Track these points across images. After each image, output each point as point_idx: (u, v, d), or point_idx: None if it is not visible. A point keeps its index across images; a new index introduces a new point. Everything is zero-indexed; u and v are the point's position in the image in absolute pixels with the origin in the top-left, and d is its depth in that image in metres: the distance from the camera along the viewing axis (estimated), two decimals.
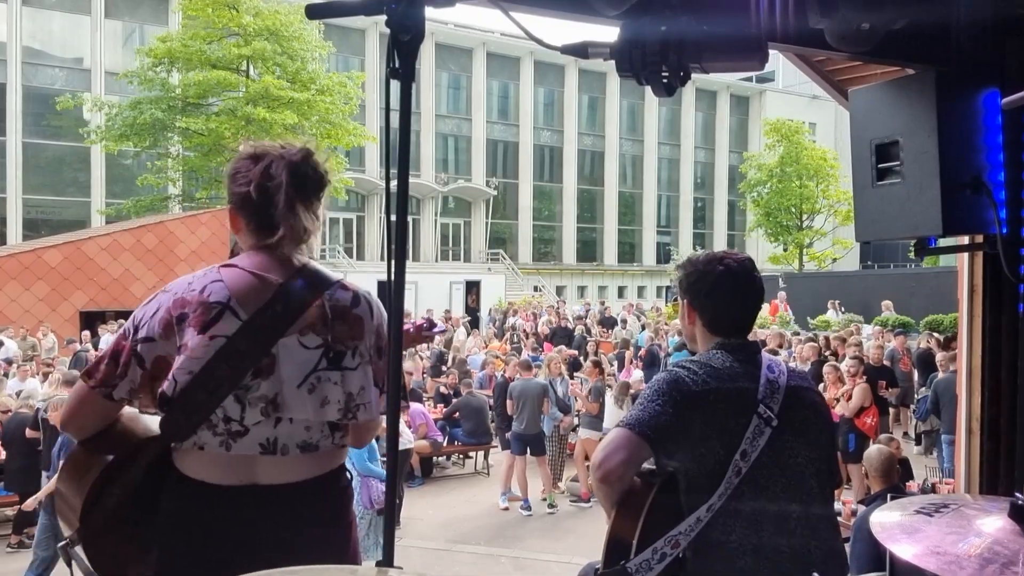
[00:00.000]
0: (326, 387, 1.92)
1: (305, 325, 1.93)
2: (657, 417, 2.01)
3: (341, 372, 1.94)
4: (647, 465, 2.12)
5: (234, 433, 1.87)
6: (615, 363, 14.78)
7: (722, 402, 2.05)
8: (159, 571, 1.94)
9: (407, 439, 9.02)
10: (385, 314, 2.06)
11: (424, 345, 14.10)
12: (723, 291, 2.19)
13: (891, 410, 11.19)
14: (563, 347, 14.61)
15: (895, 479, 4.98)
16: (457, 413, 11.17)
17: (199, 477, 1.89)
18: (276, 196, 1.95)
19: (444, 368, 14.44)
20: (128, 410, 2.00)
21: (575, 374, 12.74)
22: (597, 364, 10.91)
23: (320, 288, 1.98)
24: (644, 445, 1.99)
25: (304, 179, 1.98)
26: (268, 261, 1.99)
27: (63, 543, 1.90)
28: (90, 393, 1.93)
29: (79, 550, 1.91)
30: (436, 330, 2.58)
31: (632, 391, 10.57)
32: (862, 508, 5.40)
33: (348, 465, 2.10)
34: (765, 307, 18.33)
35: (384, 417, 2.07)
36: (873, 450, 5.31)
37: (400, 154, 1.36)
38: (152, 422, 1.98)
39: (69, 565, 1.88)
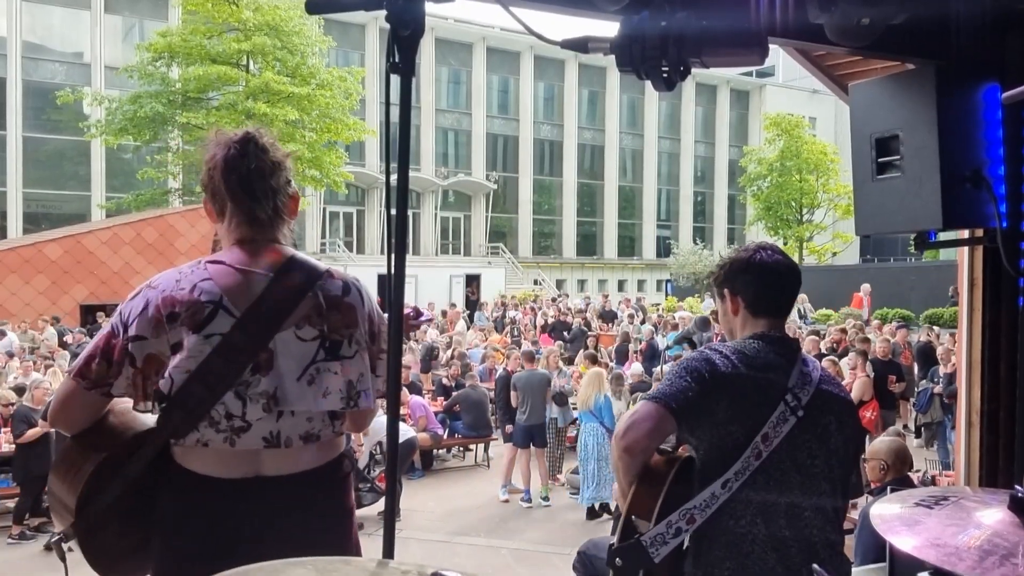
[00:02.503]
0: (326, 377, 1.93)
1: (300, 317, 1.93)
2: (684, 392, 2.02)
3: (340, 361, 1.96)
4: (666, 447, 2.14)
5: (237, 429, 1.88)
6: (614, 357, 14.78)
7: (750, 389, 2.06)
8: (160, 563, 1.94)
9: (407, 430, 9.04)
10: (373, 299, 2.10)
11: (415, 341, 14.10)
12: (762, 267, 2.23)
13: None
14: (562, 345, 14.53)
15: (903, 471, 4.98)
16: (457, 406, 11.18)
17: (203, 471, 1.89)
18: (230, 185, 1.97)
19: (434, 363, 14.38)
20: (118, 403, 1.99)
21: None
22: (592, 358, 10.94)
23: (311, 279, 1.98)
24: (669, 418, 2.00)
25: (249, 162, 1.97)
26: (253, 255, 1.98)
27: (56, 538, 1.90)
28: (83, 392, 1.91)
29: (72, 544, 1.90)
30: (422, 318, 2.60)
31: (629, 383, 10.60)
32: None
33: (599, 425, 2.00)
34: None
35: (378, 400, 2.10)
36: (885, 441, 5.30)
37: (400, 148, 1.36)
38: (146, 416, 1.97)
39: (63, 560, 1.88)
